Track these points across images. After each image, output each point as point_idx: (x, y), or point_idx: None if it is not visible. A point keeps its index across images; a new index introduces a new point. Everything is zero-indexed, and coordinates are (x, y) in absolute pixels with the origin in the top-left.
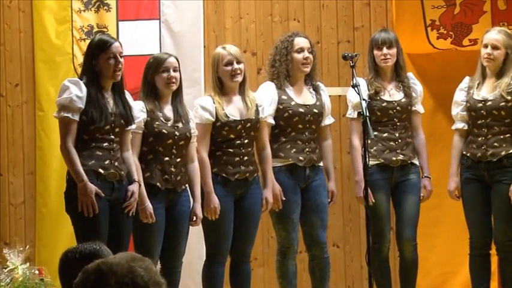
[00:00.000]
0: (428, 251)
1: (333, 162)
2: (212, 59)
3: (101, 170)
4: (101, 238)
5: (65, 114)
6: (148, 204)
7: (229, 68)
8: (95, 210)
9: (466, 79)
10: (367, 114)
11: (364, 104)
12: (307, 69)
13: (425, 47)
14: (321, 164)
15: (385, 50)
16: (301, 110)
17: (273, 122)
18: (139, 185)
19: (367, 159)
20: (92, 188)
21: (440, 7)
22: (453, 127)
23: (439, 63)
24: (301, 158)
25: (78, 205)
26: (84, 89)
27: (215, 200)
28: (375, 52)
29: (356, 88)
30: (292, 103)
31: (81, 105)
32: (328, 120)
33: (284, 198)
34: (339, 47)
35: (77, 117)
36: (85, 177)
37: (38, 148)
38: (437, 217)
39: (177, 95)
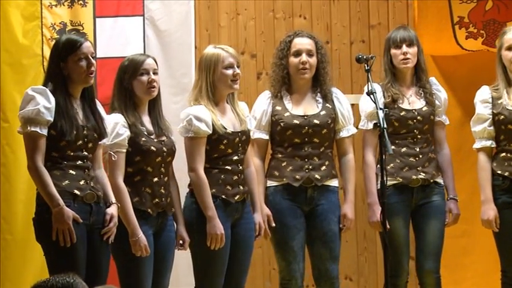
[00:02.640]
0: (456, 284)
1: (354, 180)
2: (207, 60)
3: (77, 192)
4: (78, 269)
5: (33, 129)
6: (142, 236)
7: (230, 71)
8: (72, 239)
9: (486, 89)
10: (385, 125)
11: (381, 114)
12: (306, 76)
13: (453, 48)
14: (332, 183)
15: (404, 48)
16: (295, 121)
17: (262, 136)
18: (118, 207)
19: (385, 178)
20: (69, 213)
21: (470, 2)
22: (477, 146)
23: (468, 67)
24: (297, 176)
25: (52, 233)
26: (53, 99)
27: (220, 226)
28: (393, 52)
29: (372, 96)
30: (286, 114)
31: (49, 117)
32: (345, 131)
33: (274, 225)
34: (351, 48)
35: (45, 132)
36: (61, 201)
37: (2, 165)
38: (466, 246)
39: (155, 103)
